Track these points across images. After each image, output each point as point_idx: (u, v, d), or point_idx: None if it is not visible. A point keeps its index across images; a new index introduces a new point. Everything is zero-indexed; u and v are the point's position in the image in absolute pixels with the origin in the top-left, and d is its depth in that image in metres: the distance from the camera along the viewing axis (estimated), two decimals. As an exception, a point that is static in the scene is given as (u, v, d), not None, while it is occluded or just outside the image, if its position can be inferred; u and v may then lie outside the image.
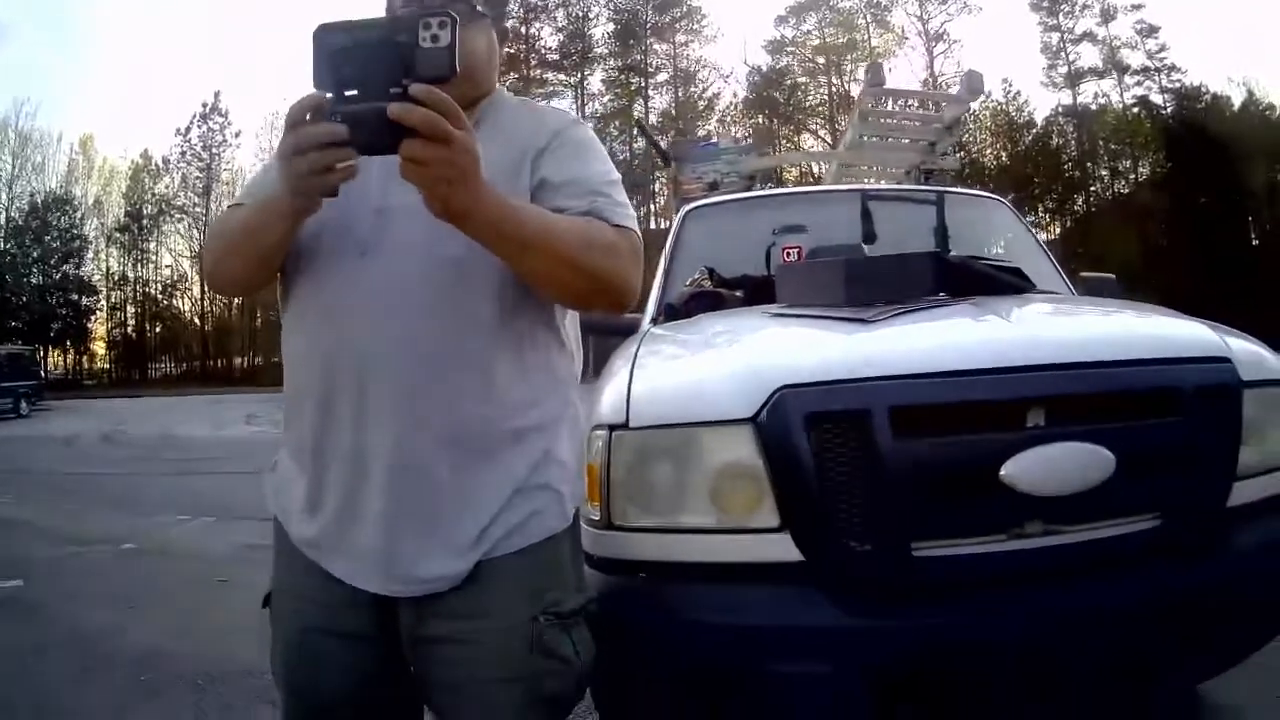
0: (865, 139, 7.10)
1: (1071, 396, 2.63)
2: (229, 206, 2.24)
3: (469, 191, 1.71)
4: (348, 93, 1.68)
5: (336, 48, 1.69)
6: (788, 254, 4.50)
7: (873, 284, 3.37)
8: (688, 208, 5.59)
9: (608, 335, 4.70)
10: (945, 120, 6.57)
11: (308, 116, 1.70)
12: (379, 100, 1.64)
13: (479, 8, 2.21)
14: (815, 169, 74.04)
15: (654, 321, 4.64)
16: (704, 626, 2.65)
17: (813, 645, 2.59)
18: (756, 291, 4.52)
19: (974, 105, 7.21)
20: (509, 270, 1.97)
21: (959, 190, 5.77)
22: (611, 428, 2.77)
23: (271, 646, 2.27)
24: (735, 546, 2.70)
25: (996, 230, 5.58)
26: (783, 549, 2.64)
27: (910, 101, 7.43)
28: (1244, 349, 2.98)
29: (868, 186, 5.68)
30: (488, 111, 2.20)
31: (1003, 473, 2.51)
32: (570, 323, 2.27)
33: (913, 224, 5.20)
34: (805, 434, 2.58)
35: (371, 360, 1.99)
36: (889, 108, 7.04)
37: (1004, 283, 3.70)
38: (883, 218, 5.14)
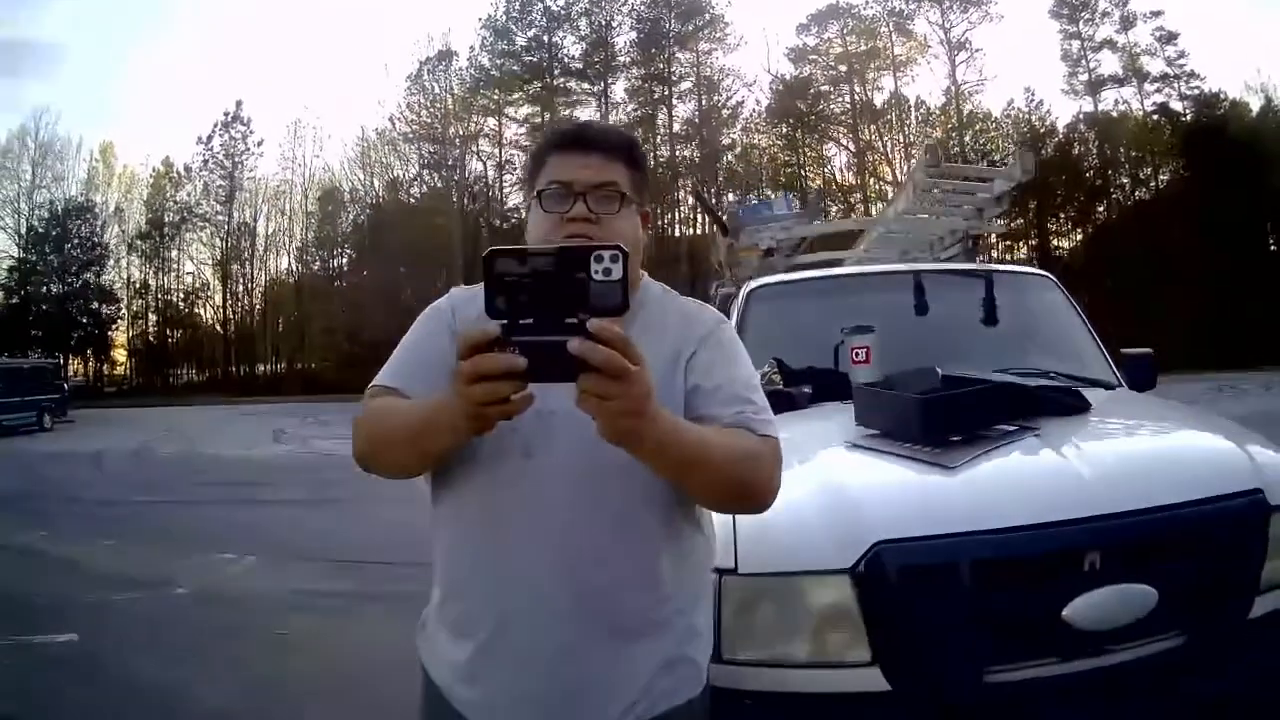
0: (917, 205, 7.20)
1: (1123, 543, 3.02)
2: (374, 387, 2.30)
3: (641, 421, 1.80)
4: (522, 321, 1.74)
5: (509, 275, 1.76)
6: (856, 355, 4.62)
7: (948, 421, 3.64)
8: (751, 287, 5.73)
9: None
10: (995, 191, 6.64)
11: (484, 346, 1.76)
12: (554, 329, 1.71)
13: (626, 193, 2.29)
14: (842, 178, 74.66)
15: None
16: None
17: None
18: (824, 387, 4.74)
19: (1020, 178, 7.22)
20: None
21: (1008, 268, 5.91)
22: (721, 572, 2.96)
23: None
24: (832, 678, 3.01)
25: (1044, 308, 5.74)
26: (873, 680, 2.96)
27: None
28: (1275, 468, 3.34)
29: (921, 266, 5.80)
30: (638, 306, 2.26)
31: (1064, 614, 2.91)
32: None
33: (964, 302, 5.47)
34: (898, 583, 2.96)
35: (538, 556, 2.13)
36: (944, 182, 7.11)
37: (1063, 404, 3.94)
38: (936, 295, 5.41)
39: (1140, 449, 3.68)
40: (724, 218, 9.30)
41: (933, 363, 4.99)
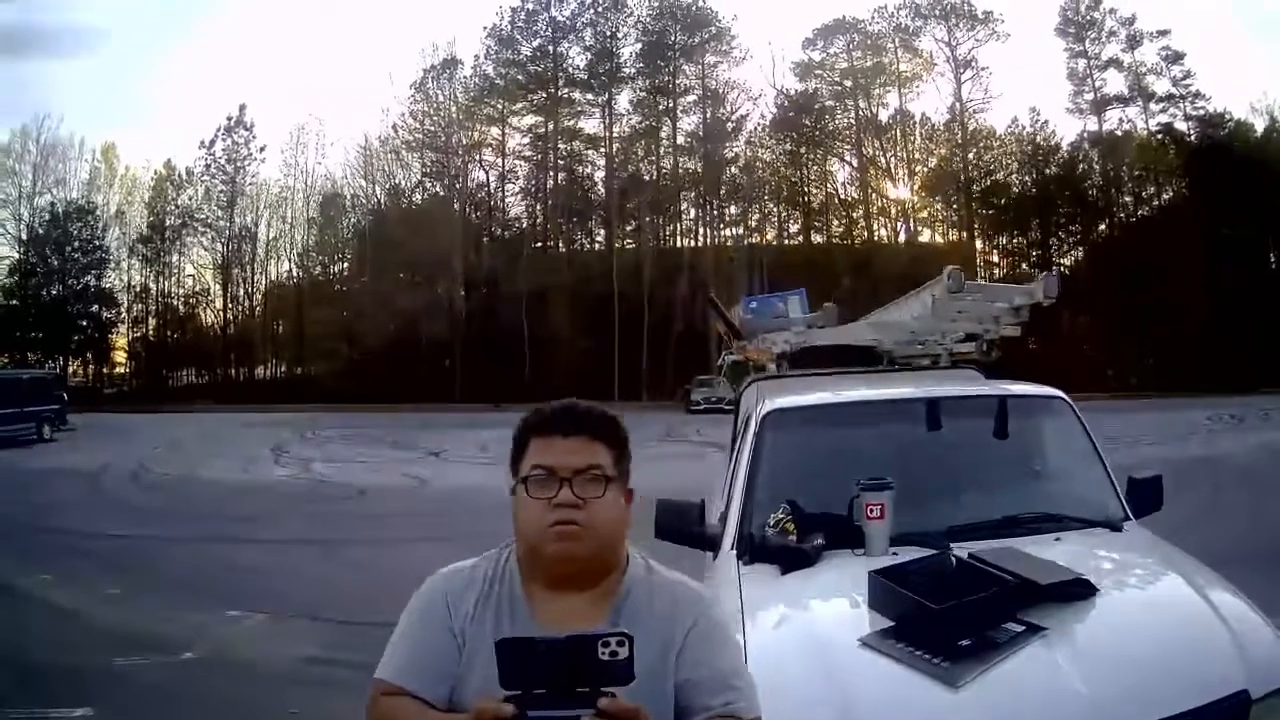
0: (934, 320, 7.25)
1: None
2: (381, 681, 2.42)
3: None
4: (535, 691, 1.94)
5: (522, 655, 1.97)
6: (871, 511, 4.67)
7: (958, 626, 3.74)
8: (766, 411, 5.75)
9: (683, 545, 5.26)
10: (1014, 302, 6.73)
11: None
12: (566, 700, 1.92)
13: (610, 475, 2.40)
14: (845, 193, 74.75)
15: (736, 552, 4.99)
16: None
17: None
18: (838, 533, 4.82)
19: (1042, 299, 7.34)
20: None
21: (1023, 391, 5.95)
22: None
23: None
24: None
25: (1056, 433, 5.85)
26: None
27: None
28: (1261, 658, 3.60)
29: (937, 392, 5.86)
30: (626, 597, 2.44)
31: None
32: None
33: (978, 429, 5.58)
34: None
35: None
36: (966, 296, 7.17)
37: (1071, 594, 4.03)
38: (951, 423, 5.51)
39: (1135, 651, 3.73)
40: (737, 324, 9.38)
41: (948, 496, 5.22)
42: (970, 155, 71.83)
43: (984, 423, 5.53)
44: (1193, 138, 66.18)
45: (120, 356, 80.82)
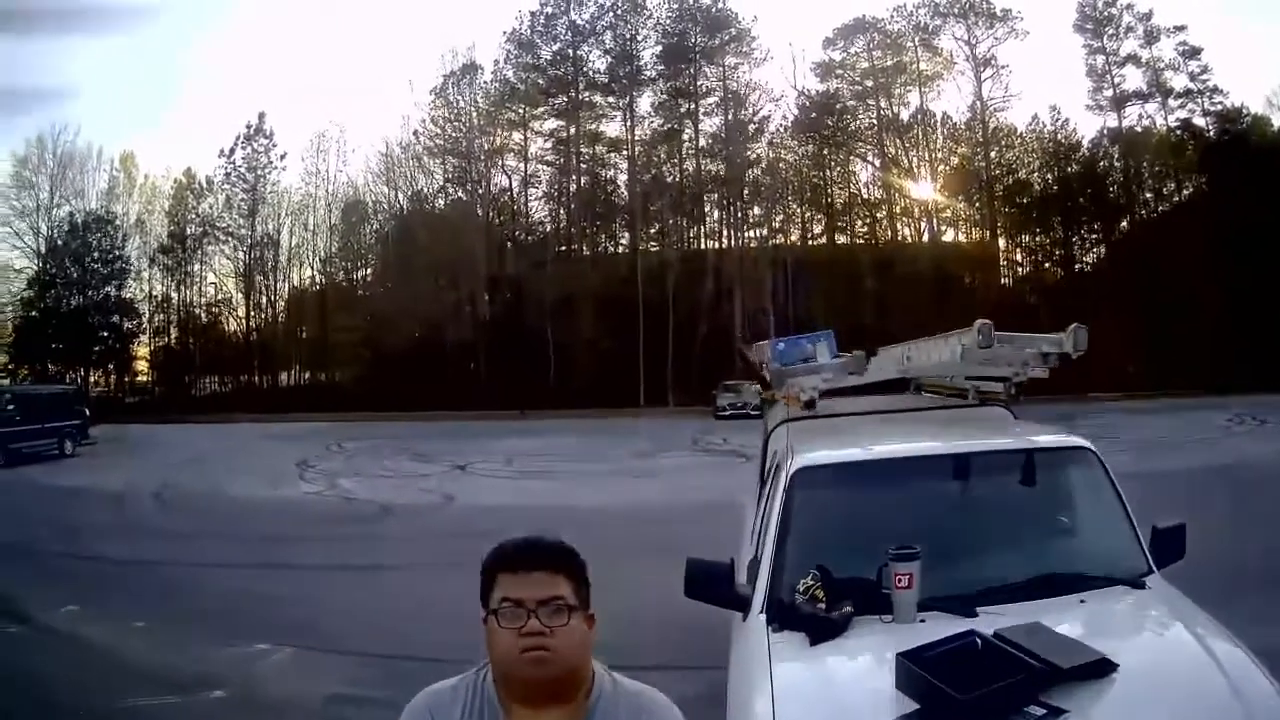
0: (962, 364, 7.26)
1: None
2: None
3: None
4: None
5: None
6: (899, 580, 4.69)
7: (982, 712, 3.82)
8: (796, 468, 5.74)
9: (713, 604, 5.38)
10: (1042, 348, 6.75)
11: None
12: None
13: (573, 604, 2.65)
14: (868, 193, 74.54)
15: (766, 617, 5.00)
16: None
17: None
18: (867, 600, 4.85)
19: (1070, 349, 7.33)
20: None
21: (1051, 443, 5.97)
22: None
23: None
24: None
25: (1082, 487, 5.88)
26: None
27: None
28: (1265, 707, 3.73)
29: (966, 447, 5.87)
30: (594, 711, 2.67)
31: None
32: None
33: (1006, 485, 5.71)
34: None
35: None
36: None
37: (1089, 673, 4.06)
38: (980, 478, 5.69)
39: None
40: (766, 374, 9.40)
41: (976, 555, 5.37)
42: (992, 154, 71.65)
43: (1012, 477, 5.62)
44: (1210, 133, 66.05)
45: (142, 366, 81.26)
